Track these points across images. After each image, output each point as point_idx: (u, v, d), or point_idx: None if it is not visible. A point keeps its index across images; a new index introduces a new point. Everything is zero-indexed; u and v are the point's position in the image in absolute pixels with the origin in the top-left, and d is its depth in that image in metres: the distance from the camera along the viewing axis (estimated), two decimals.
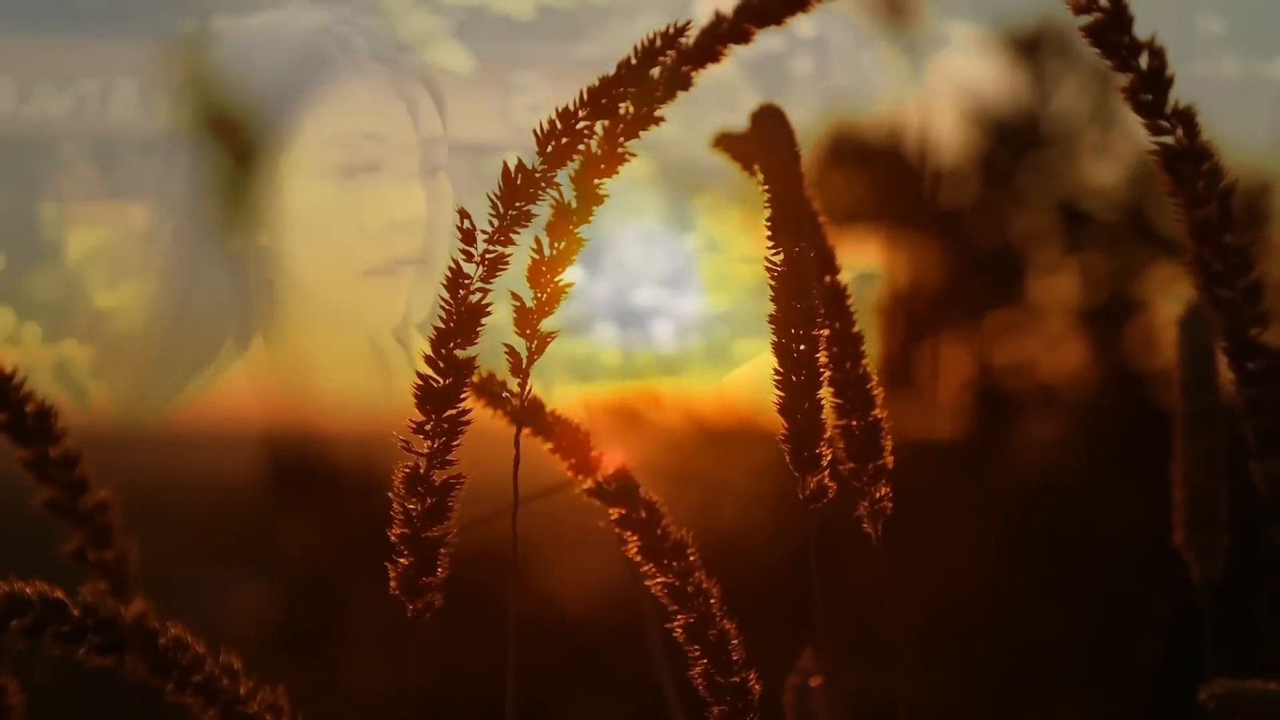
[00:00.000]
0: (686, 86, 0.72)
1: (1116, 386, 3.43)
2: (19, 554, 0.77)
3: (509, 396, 0.85)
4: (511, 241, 0.73)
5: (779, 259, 0.76)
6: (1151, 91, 0.74)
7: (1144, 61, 0.74)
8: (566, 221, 0.72)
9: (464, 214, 0.73)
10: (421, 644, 0.77)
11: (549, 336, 0.75)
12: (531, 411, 0.87)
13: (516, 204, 0.72)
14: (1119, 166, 3.61)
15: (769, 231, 0.76)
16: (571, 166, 0.73)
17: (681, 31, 0.72)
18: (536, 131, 0.72)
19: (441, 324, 0.74)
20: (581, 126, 0.72)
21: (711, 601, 0.74)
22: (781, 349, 0.76)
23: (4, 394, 0.86)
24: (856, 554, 0.87)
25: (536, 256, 0.73)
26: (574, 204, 0.72)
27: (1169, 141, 0.75)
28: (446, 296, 0.73)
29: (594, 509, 0.82)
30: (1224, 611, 0.93)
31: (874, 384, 0.80)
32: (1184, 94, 0.75)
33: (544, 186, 0.72)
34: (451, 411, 0.74)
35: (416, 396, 0.74)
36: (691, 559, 0.74)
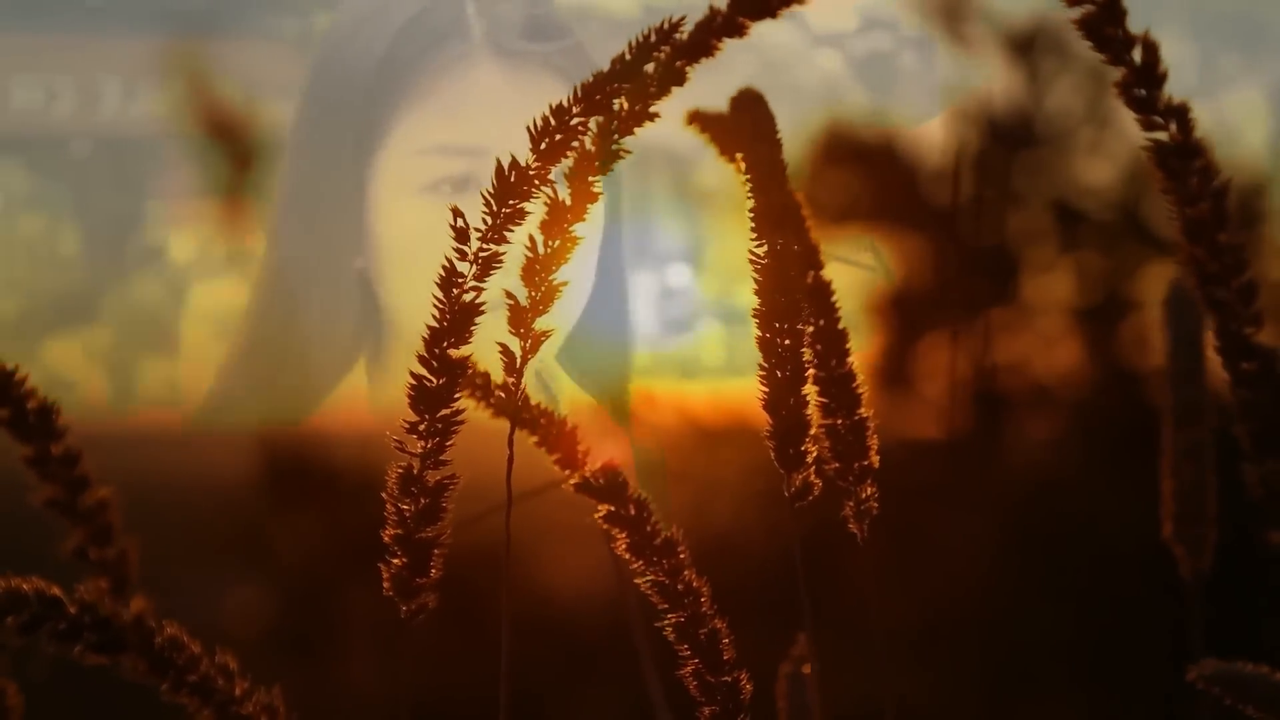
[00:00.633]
0: (681, 82, 0.72)
1: (1112, 385, 3.42)
2: (17, 552, 0.77)
3: (500, 394, 0.85)
4: (505, 239, 0.73)
5: (762, 250, 0.76)
6: (1145, 86, 0.74)
7: (1137, 56, 0.74)
8: (561, 219, 0.72)
9: (457, 212, 0.73)
10: (415, 644, 0.77)
11: (543, 335, 0.75)
12: (518, 406, 0.87)
13: (510, 201, 0.72)
14: (1114, 165, 3.61)
15: (751, 222, 0.76)
16: (566, 163, 0.73)
17: (676, 27, 0.71)
18: (530, 128, 0.72)
19: (435, 323, 0.73)
20: (576, 123, 0.72)
21: (702, 600, 0.73)
22: (766, 343, 0.75)
23: (5, 390, 0.86)
24: (848, 554, 0.87)
25: (531, 255, 0.73)
26: (568, 201, 0.72)
27: (1162, 137, 0.74)
28: (440, 296, 0.73)
29: (587, 506, 0.82)
30: (1215, 610, 0.93)
31: (859, 382, 0.79)
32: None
33: (538, 184, 0.72)
34: (445, 411, 0.74)
35: (410, 397, 0.74)
36: (681, 556, 0.73)
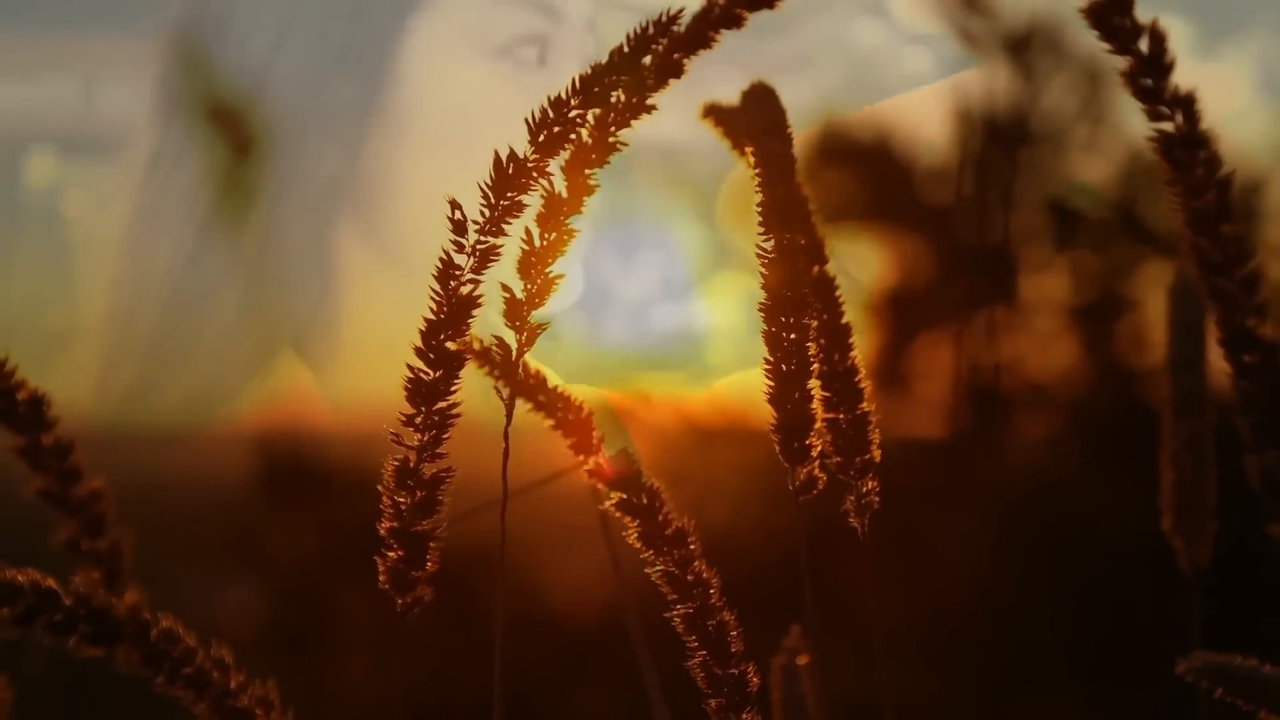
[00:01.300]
0: (679, 74, 0.72)
1: (1107, 383, 3.43)
2: (10, 545, 0.77)
3: (499, 389, 0.84)
4: (503, 232, 0.73)
5: (770, 245, 0.76)
6: (1151, 76, 0.73)
7: (1144, 45, 0.73)
8: (558, 212, 0.72)
9: (454, 204, 0.73)
10: (410, 637, 0.77)
11: (539, 328, 0.74)
12: (534, 389, 0.87)
13: (508, 194, 0.72)
14: (1111, 163, 3.61)
15: (760, 217, 0.76)
16: (563, 156, 0.72)
17: (674, 20, 0.71)
18: (528, 120, 0.72)
19: (432, 315, 0.73)
20: (573, 115, 0.71)
21: (711, 591, 0.73)
22: (772, 337, 0.75)
23: None
24: (841, 550, 0.87)
25: (527, 247, 0.73)
26: (565, 194, 0.72)
27: (1168, 128, 0.74)
28: (437, 288, 0.73)
29: (582, 503, 0.81)
30: (1215, 604, 0.93)
31: (862, 377, 0.79)
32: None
33: (535, 176, 0.72)
34: (441, 405, 0.74)
35: (406, 389, 0.74)
36: (692, 547, 0.73)
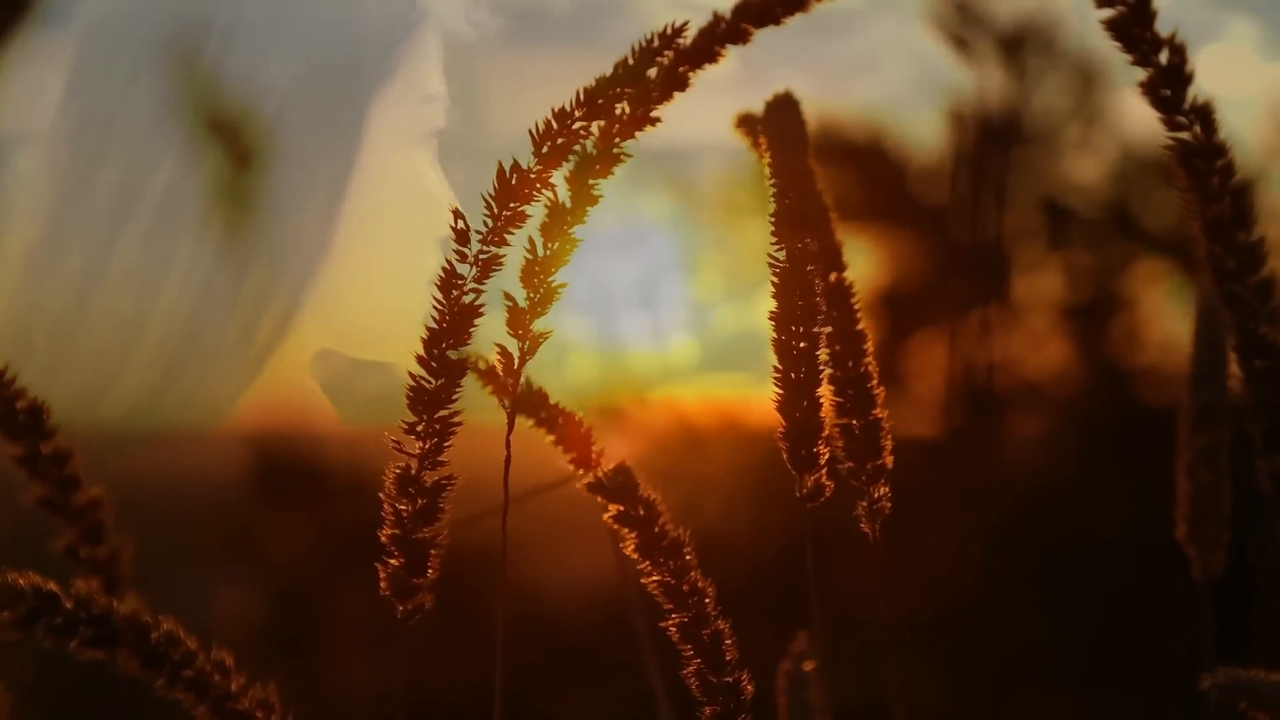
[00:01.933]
0: (684, 87, 0.72)
1: (1101, 382, 3.43)
2: (10, 552, 0.77)
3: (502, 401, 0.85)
4: (506, 242, 0.73)
5: (781, 255, 0.76)
6: (1171, 87, 0.74)
7: (1164, 57, 0.73)
8: (561, 222, 0.72)
9: (457, 214, 0.73)
10: (411, 641, 0.77)
11: (541, 337, 0.74)
12: (535, 404, 0.87)
13: (511, 204, 0.72)
14: (1103, 163, 3.62)
15: (773, 226, 0.76)
16: (567, 167, 0.72)
17: (679, 32, 0.71)
18: (532, 131, 0.72)
19: (434, 324, 0.73)
20: (578, 127, 0.71)
21: (706, 601, 0.74)
22: (781, 346, 0.75)
23: None
24: (845, 551, 0.87)
25: (530, 257, 0.73)
26: (569, 204, 0.72)
27: (1186, 137, 0.74)
28: (439, 297, 0.73)
29: (583, 508, 0.81)
30: (1219, 610, 0.93)
31: (875, 382, 0.79)
32: None
33: (539, 187, 0.72)
34: (443, 413, 0.74)
35: (409, 398, 0.74)
36: (688, 557, 0.73)
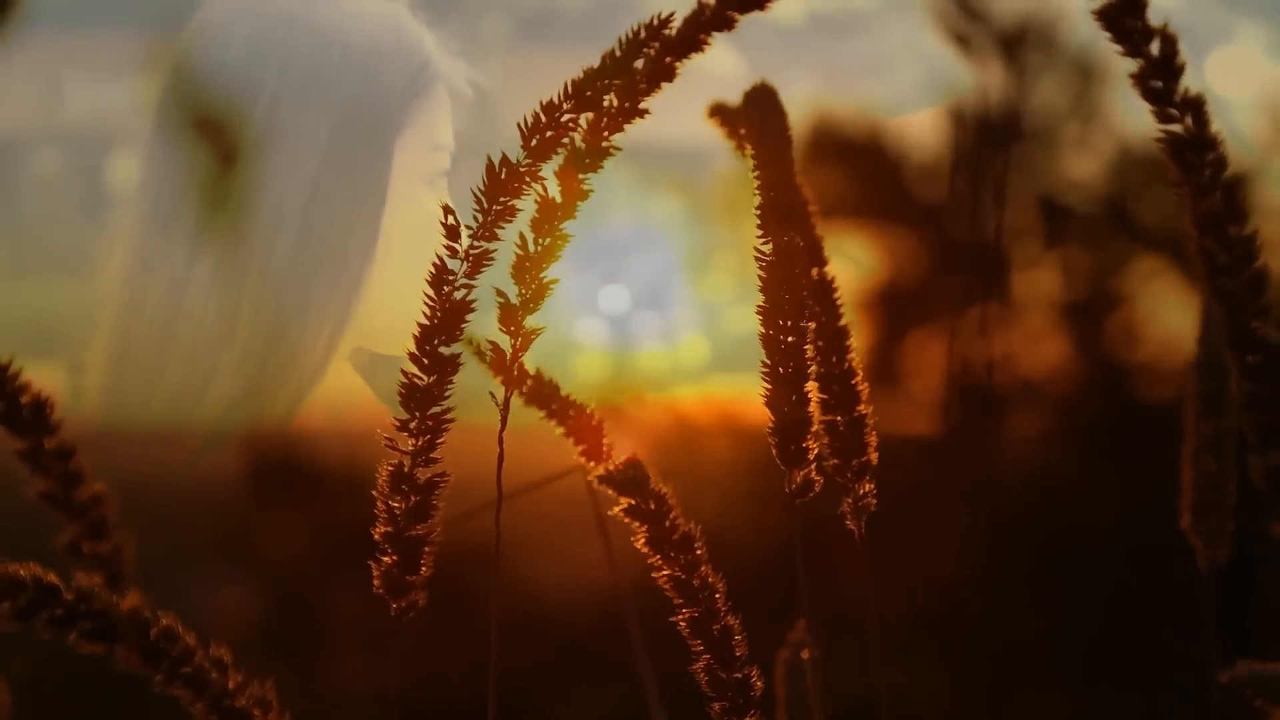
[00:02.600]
0: (671, 78, 0.71)
1: (1098, 379, 3.43)
2: (13, 549, 0.77)
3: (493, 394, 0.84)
4: (496, 237, 0.72)
5: (768, 248, 0.75)
6: (1162, 78, 0.73)
7: (1155, 48, 0.73)
8: (551, 217, 0.72)
9: (448, 210, 0.72)
10: (406, 637, 0.77)
11: (533, 333, 0.74)
12: (546, 396, 0.87)
13: (501, 199, 0.72)
14: (1101, 161, 3.61)
15: (758, 219, 0.75)
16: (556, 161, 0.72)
17: (665, 23, 0.71)
18: (521, 125, 0.71)
19: (426, 320, 0.73)
20: (566, 120, 0.71)
21: (717, 596, 0.73)
22: (769, 340, 0.75)
23: (0, 385, 0.85)
24: (836, 546, 0.87)
25: (521, 252, 0.73)
26: (559, 199, 0.72)
27: (1177, 130, 0.74)
28: (430, 293, 0.73)
29: (577, 505, 0.81)
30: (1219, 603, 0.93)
31: (860, 380, 0.79)
32: None
33: (529, 181, 0.72)
34: (436, 409, 0.74)
35: (401, 394, 0.73)
36: (699, 552, 0.73)
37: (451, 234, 0.72)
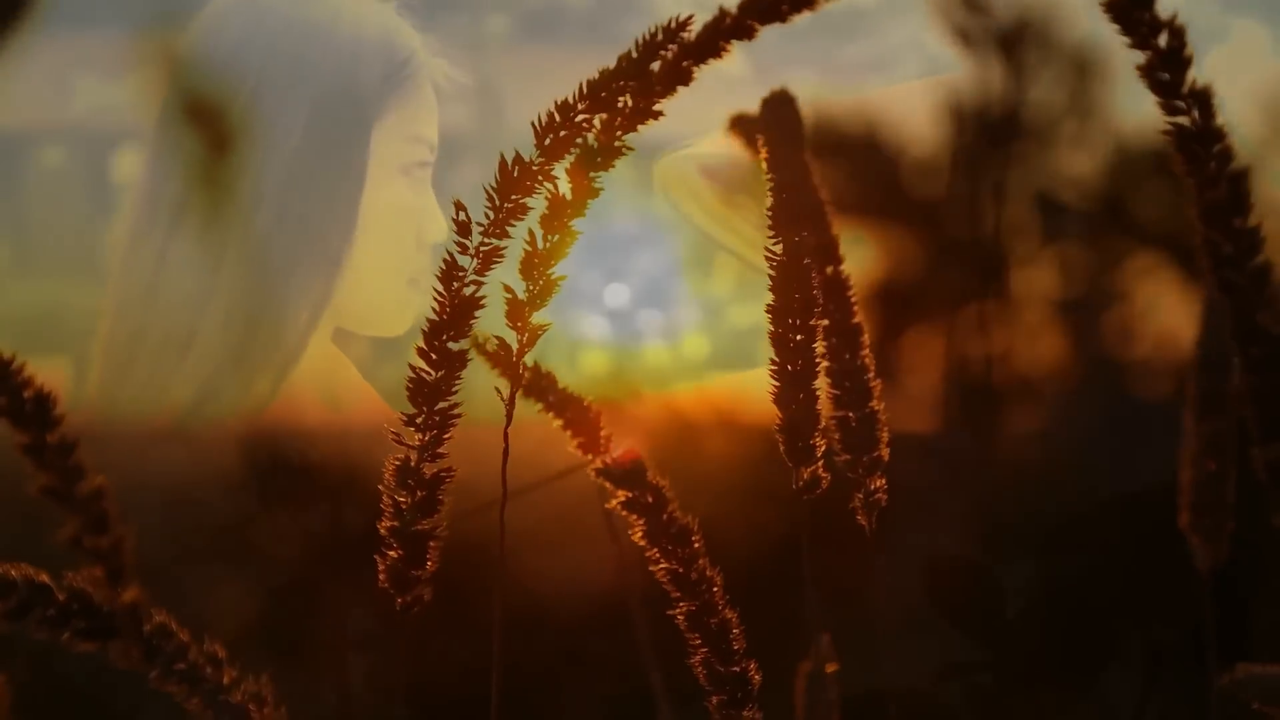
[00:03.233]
0: (687, 81, 0.71)
1: (1097, 376, 3.43)
2: (10, 543, 0.77)
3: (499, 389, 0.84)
4: (507, 235, 0.73)
5: (778, 248, 0.76)
6: (1169, 70, 0.73)
7: (1163, 40, 0.73)
8: (561, 214, 0.72)
9: (459, 206, 0.72)
10: (409, 634, 0.77)
11: (540, 329, 0.74)
12: (544, 388, 0.87)
13: (513, 196, 0.72)
14: (1099, 157, 3.61)
15: (770, 220, 0.76)
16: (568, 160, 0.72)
17: (684, 26, 0.71)
18: (535, 124, 0.72)
19: (435, 316, 0.73)
20: (580, 119, 0.71)
21: (714, 590, 0.73)
22: (778, 339, 0.75)
23: (3, 377, 0.85)
24: (837, 543, 0.87)
25: (530, 249, 0.73)
26: (569, 197, 0.72)
27: (1184, 122, 0.74)
28: (440, 289, 0.73)
29: (583, 504, 0.81)
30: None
31: (872, 376, 0.79)
32: None
33: (540, 179, 0.72)
34: (443, 405, 0.74)
35: (409, 389, 0.74)
36: (696, 545, 0.73)
37: (463, 230, 0.73)
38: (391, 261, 1.48)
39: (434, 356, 0.73)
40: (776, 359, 0.75)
